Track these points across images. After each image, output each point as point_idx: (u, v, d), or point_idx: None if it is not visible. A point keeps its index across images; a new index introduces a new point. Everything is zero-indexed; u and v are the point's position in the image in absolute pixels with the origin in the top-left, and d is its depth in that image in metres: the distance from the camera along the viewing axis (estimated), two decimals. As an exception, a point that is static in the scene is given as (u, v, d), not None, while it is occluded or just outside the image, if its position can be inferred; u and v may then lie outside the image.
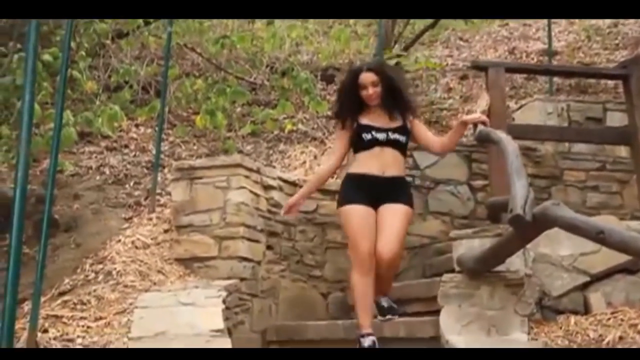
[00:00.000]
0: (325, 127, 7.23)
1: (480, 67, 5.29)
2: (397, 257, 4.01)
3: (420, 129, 4.17)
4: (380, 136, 3.99)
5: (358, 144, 4.05)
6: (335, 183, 5.73)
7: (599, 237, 2.96)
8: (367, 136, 3.98)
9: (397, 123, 4.05)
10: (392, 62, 8.03)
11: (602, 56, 8.45)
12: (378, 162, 3.98)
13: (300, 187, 5.47)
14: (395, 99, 4.04)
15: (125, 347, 3.58)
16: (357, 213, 3.94)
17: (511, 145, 4.10)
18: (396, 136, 4.02)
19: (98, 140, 6.49)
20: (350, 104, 4.06)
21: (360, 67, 4.09)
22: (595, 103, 6.38)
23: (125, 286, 4.41)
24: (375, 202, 3.98)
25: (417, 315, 4.83)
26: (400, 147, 4.06)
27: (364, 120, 4.04)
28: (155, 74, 7.24)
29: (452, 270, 4.44)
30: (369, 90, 4.00)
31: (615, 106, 6.16)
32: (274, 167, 6.30)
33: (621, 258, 4.32)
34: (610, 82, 7.25)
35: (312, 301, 5.37)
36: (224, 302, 4.24)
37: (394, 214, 3.95)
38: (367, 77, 4.01)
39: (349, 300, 5.39)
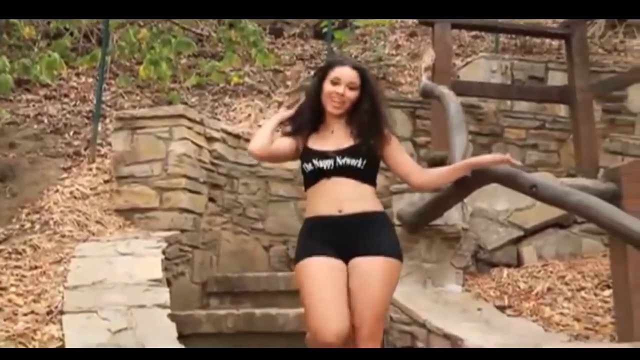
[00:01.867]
0: (272, 81, 7.17)
1: (427, 23, 5.30)
2: (379, 338, 2.72)
3: (396, 152, 2.87)
4: (325, 164, 2.75)
5: (305, 178, 2.83)
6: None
7: (532, 190, 3.05)
8: (307, 167, 2.77)
9: (350, 142, 2.81)
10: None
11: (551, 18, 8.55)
12: (329, 198, 2.74)
13: (245, 140, 5.45)
14: (370, 119, 2.82)
15: (60, 296, 3.54)
16: (315, 270, 2.65)
17: (453, 102, 4.16)
18: (347, 160, 2.76)
19: (36, 88, 6.30)
20: (311, 108, 2.84)
21: (342, 61, 2.89)
22: (538, 62, 6.48)
23: (63, 236, 4.34)
24: (344, 253, 2.69)
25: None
26: (359, 174, 2.78)
27: (309, 143, 2.83)
28: (98, 22, 7.02)
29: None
30: (340, 88, 2.78)
31: (558, 66, 6.27)
32: (219, 119, 6.23)
33: (554, 213, 4.47)
34: (555, 43, 7.36)
35: (254, 254, 5.40)
36: (163, 252, 4.22)
37: (369, 275, 2.63)
38: (347, 74, 2.80)
39: (290, 253, 5.44)
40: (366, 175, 2.80)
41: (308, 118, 2.84)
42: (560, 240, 4.62)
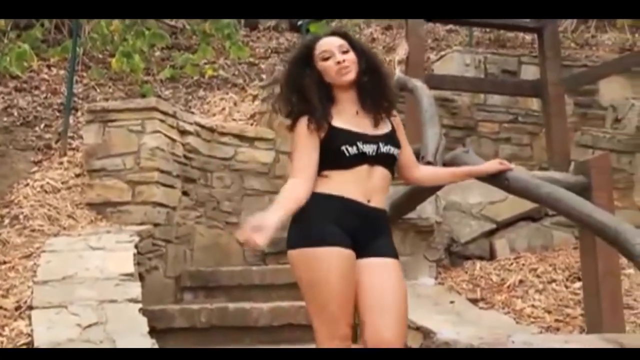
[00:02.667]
0: (246, 74, 7.13)
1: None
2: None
3: (401, 136, 2.61)
4: (369, 149, 2.44)
5: (332, 159, 2.44)
6: (252, 129, 5.72)
7: (504, 183, 3.06)
8: (350, 149, 2.42)
9: (386, 127, 2.53)
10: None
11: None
12: (362, 185, 2.44)
13: (219, 133, 5.42)
14: (375, 83, 2.51)
15: (29, 291, 3.49)
16: (338, 265, 2.34)
17: (425, 95, 4.16)
18: (390, 148, 2.50)
19: (6, 80, 6.20)
20: (314, 91, 2.47)
21: (317, 35, 2.60)
22: (511, 56, 6.52)
23: (33, 230, 4.29)
24: (358, 247, 2.41)
25: (332, 261, 4.91)
26: (394, 164, 2.56)
27: (338, 121, 2.47)
28: (69, 13, 6.91)
29: (366, 217, 4.52)
30: (336, 56, 2.46)
31: (530, 60, 6.32)
32: (193, 112, 6.19)
33: (526, 206, 4.51)
34: (528, 37, 7.41)
35: (229, 248, 5.36)
36: (136, 247, 4.18)
37: (394, 280, 2.40)
38: (331, 41, 2.49)
39: (265, 247, 5.42)
40: (394, 167, 2.57)
41: (322, 99, 2.47)
42: (532, 233, 4.67)
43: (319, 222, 2.37)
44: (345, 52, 2.46)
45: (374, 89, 2.50)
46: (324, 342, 2.36)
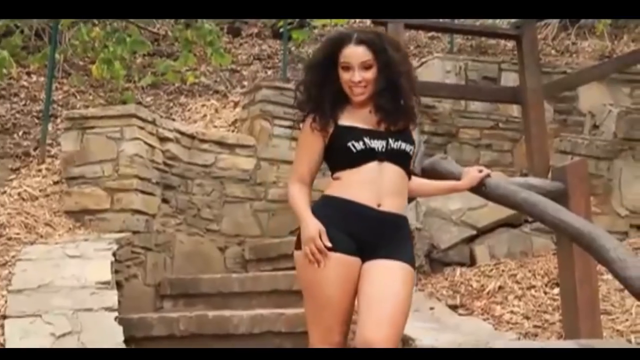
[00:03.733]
0: (228, 81, 7.11)
1: (380, 23, 5.30)
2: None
3: None
4: (377, 144, 2.40)
5: (339, 158, 2.42)
6: (233, 136, 5.70)
7: (482, 190, 3.08)
8: (357, 145, 2.38)
9: (400, 124, 2.47)
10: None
11: (506, 19, 8.67)
12: (372, 187, 2.37)
13: (199, 140, 5.39)
14: (393, 101, 2.43)
15: (4, 300, 3.45)
16: (337, 271, 2.32)
17: (404, 101, 4.17)
18: (401, 144, 2.44)
19: (-16, 87, 6.15)
20: (329, 91, 2.45)
21: (348, 35, 2.45)
22: (491, 63, 6.56)
23: (9, 239, 4.23)
24: (364, 252, 2.37)
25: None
26: (408, 163, 2.50)
27: (344, 120, 2.45)
28: (49, 19, 6.88)
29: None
30: (354, 74, 2.40)
31: (510, 66, 6.35)
32: (174, 119, 6.16)
33: (506, 213, 4.52)
34: (509, 44, 7.46)
35: (209, 255, 5.34)
36: (114, 255, 4.15)
37: (392, 281, 2.33)
38: (355, 54, 2.41)
39: (246, 254, 5.41)
40: (409, 166, 2.51)
41: (331, 99, 2.45)
42: (512, 239, 4.68)
43: (324, 225, 2.33)
44: (367, 69, 2.40)
45: (390, 108, 2.42)
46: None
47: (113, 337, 3.24)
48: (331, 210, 2.36)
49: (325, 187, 2.48)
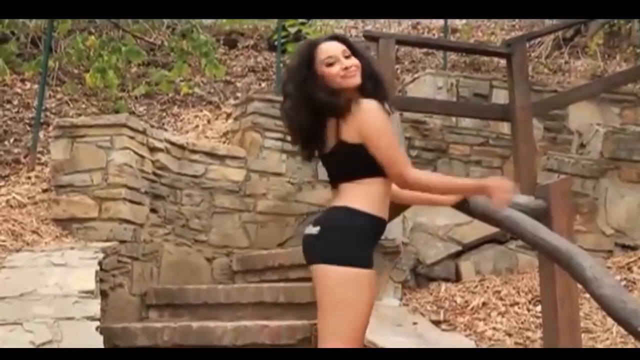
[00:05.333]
0: (222, 92, 7.14)
1: (372, 38, 5.34)
2: None
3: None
4: None
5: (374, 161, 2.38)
6: (224, 147, 5.72)
7: (465, 206, 3.10)
8: None
9: None
10: (294, 29, 8.03)
11: (499, 36, 8.73)
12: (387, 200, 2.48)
13: (189, 150, 5.41)
14: (375, 87, 2.48)
15: (-15, 307, 3.45)
16: (374, 287, 2.46)
17: (392, 116, 4.19)
18: None
19: (-22, 93, 6.17)
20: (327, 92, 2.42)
21: (314, 41, 2.54)
22: (482, 80, 6.60)
23: (-5, 246, 4.23)
24: None
25: (301, 281, 4.90)
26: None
27: None
28: (45, 27, 6.92)
29: (334, 237, 4.52)
30: (342, 61, 2.43)
31: (501, 84, 6.39)
32: (166, 129, 6.18)
33: (491, 229, 4.52)
34: (502, 62, 7.51)
35: (197, 266, 5.34)
36: (100, 264, 4.14)
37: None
38: (333, 47, 2.46)
39: (233, 265, 5.41)
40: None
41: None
42: (497, 256, 4.70)
43: (369, 244, 2.41)
44: (347, 57, 2.43)
45: (375, 93, 2.44)
46: None
47: (93, 347, 3.24)
48: (374, 232, 2.43)
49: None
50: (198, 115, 6.57)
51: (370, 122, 2.34)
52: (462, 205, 3.09)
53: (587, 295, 3.95)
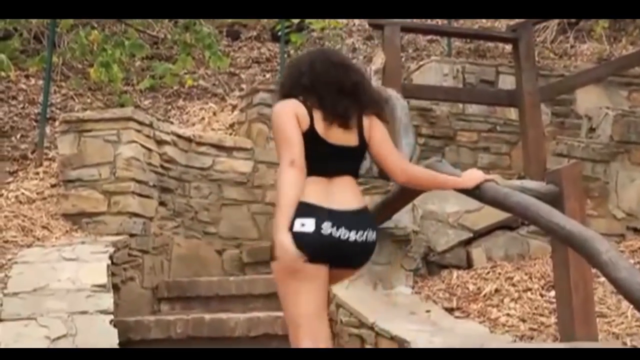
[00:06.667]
0: (227, 84, 7.12)
1: (377, 25, 5.32)
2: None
3: None
4: None
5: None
6: (231, 139, 5.71)
7: (475, 193, 3.08)
8: None
9: None
10: (297, 20, 7.99)
11: (502, 22, 8.68)
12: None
13: (196, 143, 5.40)
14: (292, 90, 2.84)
15: (-1, 302, 3.46)
16: None
17: (400, 104, 4.17)
18: None
19: (-17, 90, 6.16)
20: None
21: None
22: (488, 66, 6.55)
23: (6, 242, 4.24)
24: None
25: (311, 271, 4.90)
26: None
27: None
28: (48, 23, 6.89)
29: (343, 228, 4.50)
30: None
31: (508, 70, 6.35)
32: (172, 122, 6.17)
33: (502, 215, 4.51)
34: (508, 47, 7.46)
35: (207, 258, 5.34)
36: (110, 258, 4.14)
37: None
38: None
39: (244, 257, 5.41)
40: None
41: None
42: (508, 242, 4.67)
43: None
44: None
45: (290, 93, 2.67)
46: None
47: (108, 340, 3.24)
48: None
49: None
50: (203, 107, 6.55)
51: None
52: (473, 192, 3.08)
53: (601, 280, 3.95)
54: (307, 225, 2.48)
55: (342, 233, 2.51)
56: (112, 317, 3.46)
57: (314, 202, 2.49)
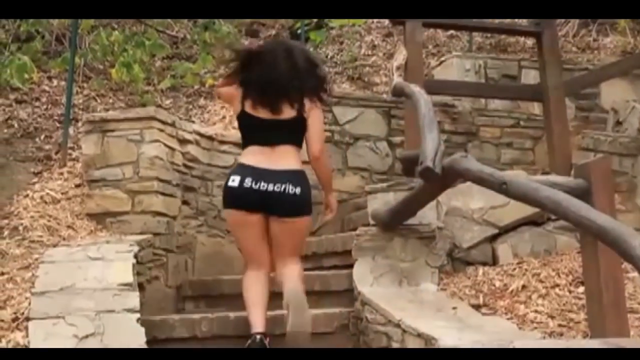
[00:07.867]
0: (247, 82, 7.10)
1: (398, 22, 5.28)
2: None
3: None
4: None
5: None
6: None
7: (502, 188, 3.05)
8: None
9: None
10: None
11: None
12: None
13: (218, 141, 5.41)
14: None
15: (27, 302, 3.47)
16: None
17: (423, 100, 4.13)
18: None
19: (7, 92, 6.20)
20: None
21: None
22: (511, 61, 6.50)
23: (32, 241, 4.26)
24: None
25: (335, 269, 4.88)
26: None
27: None
28: (69, 24, 6.94)
29: (368, 224, 4.49)
30: None
31: (531, 64, 6.29)
32: (194, 121, 6.17)
33: (528, 211, 4.47)
34: (529, 42, 7.39)
35: (230, 257, 5.33)
36: (135, 257, 4.15)
37: None
38: None
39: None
40: None
41: None
42: (535, 238, 4.62)
43: None
44: None
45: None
46: None
47: (135, 339, 3.25)
48: None
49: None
50: (224, 106, 6.55)
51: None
52: (500, 187, 3.04)
53: (631, 275, 3.89)
54: (235, 180, 3.57)
55: (261, 185, 3.47)
56: (138, 315, 3.47)
57: (245, 162, 3.58)
